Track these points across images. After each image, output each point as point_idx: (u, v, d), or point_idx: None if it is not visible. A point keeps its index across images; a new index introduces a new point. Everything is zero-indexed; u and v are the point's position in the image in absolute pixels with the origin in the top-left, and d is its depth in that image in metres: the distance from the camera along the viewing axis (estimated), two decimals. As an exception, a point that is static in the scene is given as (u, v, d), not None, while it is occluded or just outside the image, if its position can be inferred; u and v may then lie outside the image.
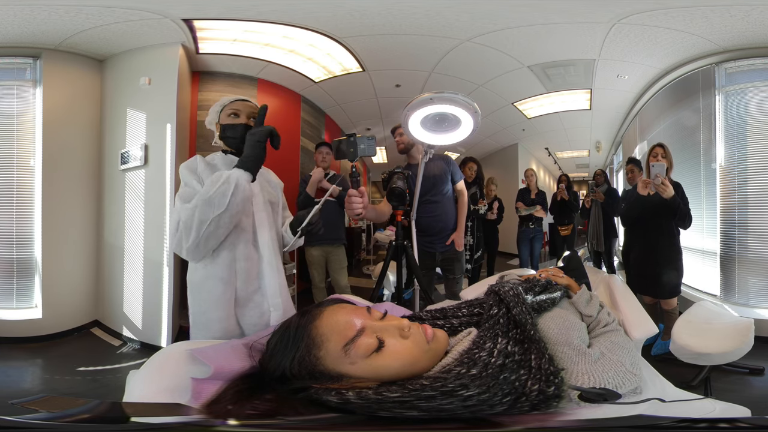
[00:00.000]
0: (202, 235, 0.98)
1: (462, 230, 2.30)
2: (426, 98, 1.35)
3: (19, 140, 2.46)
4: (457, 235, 2.26)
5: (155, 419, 0.59)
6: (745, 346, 1.45)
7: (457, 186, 2.30)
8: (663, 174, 1.92)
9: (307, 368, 0.63)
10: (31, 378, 2.14)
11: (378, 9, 2.30)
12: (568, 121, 3.80)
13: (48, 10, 2.13)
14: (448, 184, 2.27)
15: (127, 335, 2.56)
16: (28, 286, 2.48)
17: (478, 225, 3.28)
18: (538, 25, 2.48)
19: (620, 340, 0.84)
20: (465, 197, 2.33)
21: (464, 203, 2.32)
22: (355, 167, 1.33)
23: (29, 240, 2.47)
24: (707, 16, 2.24)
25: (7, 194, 2.45)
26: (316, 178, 2.59)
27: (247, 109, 1.18)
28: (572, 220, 3.71)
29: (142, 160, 2.51)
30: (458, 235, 2.27)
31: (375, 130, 4.28)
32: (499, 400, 0.57)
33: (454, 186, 2.30)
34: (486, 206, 3.32)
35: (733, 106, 2.58)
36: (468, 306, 0.87)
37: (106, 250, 2.70)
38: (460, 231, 2.29)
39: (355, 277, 3.74)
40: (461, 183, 2.32)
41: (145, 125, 2.55)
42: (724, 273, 2.60)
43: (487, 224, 3.49)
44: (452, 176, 2.28)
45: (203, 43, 2.64)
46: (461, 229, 2.29)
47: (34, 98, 2.47)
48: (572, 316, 0.93)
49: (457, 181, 2.30)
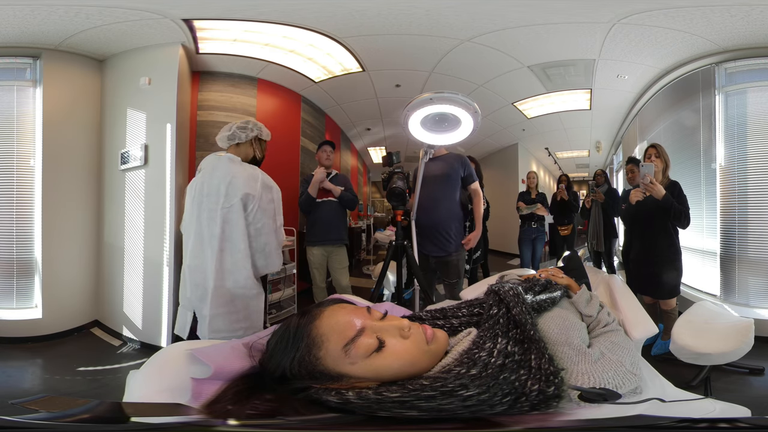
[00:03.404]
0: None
1: (479, 231, 2.27)
2: (426, 98, 1.36)
3: (19, 140, 2.46)
4: (473, 235, 2.24)
5: (155, 419, 0.59)
6: (745, 346, 1.45)
7: (472, 186, 2.26)
8: (651, 174, 1.93)
9: (307, 368, 0.63)
10: (31, 378, 2.14)
11: (378, 9, 2.30)
12: (568, 121, 3.80)
13: (48, 10, 2.13)
14: (455, 185, 2.23)
15: (127, 335, 2.56)
16: (28, 286, 2.48)
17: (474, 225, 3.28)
18: (538, 25, 2.48)
19: (620, 340, 0.84)
20: (479, 198, 2.29)
21: (479, 204, 2.28)
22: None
23: (29, 240, 2.47)
24: (707, 16, 2.24)
25: (7, 194, 2.45)
26: (318, 178, 2.55)
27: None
28: (572, 220, 3.71)
29: (142, 160, 2.51)
30: (474, 235, 2.24)
31: (375, 130, 4.29)
32: (499, 400, 0.57)
33: (469, 187, 2.26)
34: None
35: (733, 106, 2.58)
36: (468, 306, 0.87)
37: (106, 250, 2.70)
38: (477, 231, 2.26)
39: (355, 277, 3.74)
40: (476, 184, 2.28)
41: (145, 125, 2.55)
42: (724, 273, 2.60)
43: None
44: (466, 177, 2.25)
45: (203, 43, 2.64)
46: (479, 229, 2.27)
47: (34, 98, 2.47)
48: (572, 316, 0.93)
49: (471, 182, 2.26)
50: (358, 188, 5.01)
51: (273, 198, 1.52)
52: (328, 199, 2.61)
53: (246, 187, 1.47)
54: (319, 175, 2.56)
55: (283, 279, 2.91)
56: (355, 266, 4.21)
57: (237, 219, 1.45)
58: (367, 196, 5.46)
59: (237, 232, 1.46)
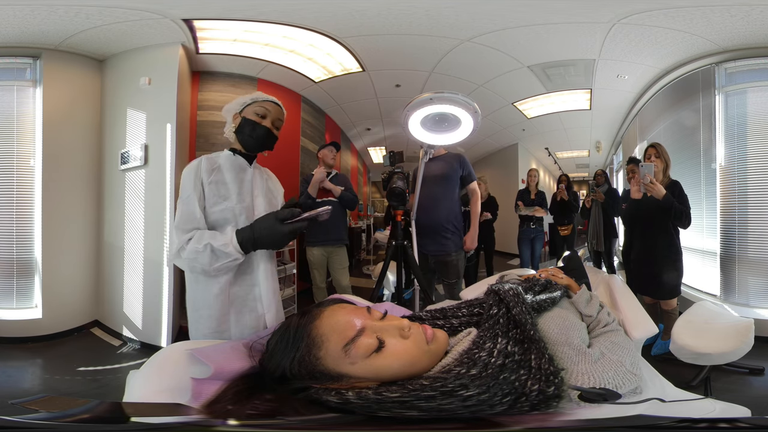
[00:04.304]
0: (203, 272, 1.06)
1: (475, 231, 2.25)
2: (426, 98, 1.35)
3: (19, 140, 2.46)
4: (469, 236, 2.22)
5: (155, 419, 0.59)
6: (745, 346, 1.45)
7: (470, 186, 2.26)
8: (651, 174, 1.92)
9: (307, 368, 0.63)
10: (31, 378, 2.14)
11: (378, 9, 2.30)
12: (568, 121, 3.80)
13: (48, 10, 2.13)
14: (454, 184, 2.22)
15: (127, 335, 2.56)
16: (28, 286, 2.48)
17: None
18: (538, 25, 2.48)
19: (620, 340, 0.84)
20: (477, 197, 2.29)
21: (476, 203, 2.28)
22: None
23: (29, 240, 2.47)
24: (707, 16, 2.24)
25: (7, 194, 2.45)
26: (318, 178, 2.54)
27: (276, 113, 1.17)
28: (572, 220, 3.71)
29: (142, 160, 2.51)
30: (470, 236, 2.23)
31: (375, 130, 4.29)
32: (499, 400, 0.57)
33: (467, 186, 2.26)
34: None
35: (733, 106, 2.58)
36: (468, 306, 0.87)
37: (106, 250, 2.70)
38: (473, 231, 2.24)
39: (355, 277, 3.74)
40: (474, 183, 2.27)
41: (145, 125, 2.55)
42: (724, 273, 2.60)
43: (484, 223, 3.49)
44: (465, 177, 2.24)
45: (203, 43, 2.64)
46: (474, 229, 2.24)
47: (34, 98, 2.47)
48: (572, 316, 0.93)
49: (469, 181, 2.25)
50: (358, 188, 5.01)
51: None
52: (328, 199, 2.60)
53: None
54: (319, 174, 2.55)
55: (283, 279, 2.91)
56: (355, 266, 4.22)
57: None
58: (367, 196, 5.46)
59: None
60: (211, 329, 1.10)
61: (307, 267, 2.76)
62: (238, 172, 1.14)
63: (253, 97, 1.16)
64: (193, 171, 1.09)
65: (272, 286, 1.20)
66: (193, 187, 1.07)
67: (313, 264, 2.70)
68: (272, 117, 1.15)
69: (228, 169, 1.13)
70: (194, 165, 1.11)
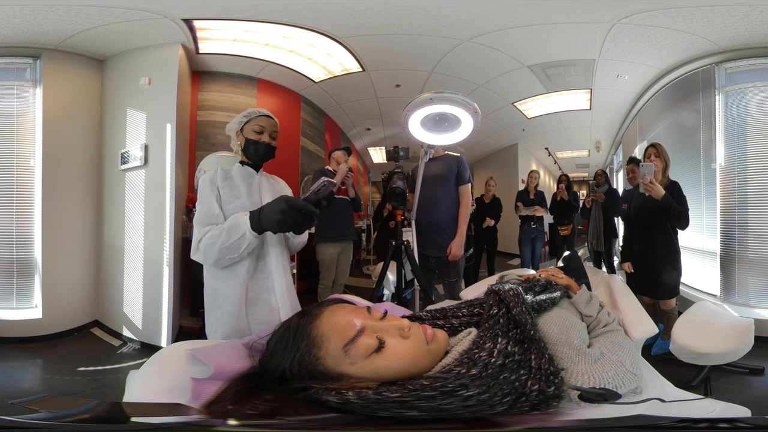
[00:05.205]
0: (222, 260, 1.15)
1: (461, 237, 2.11)
2: (426, 98, 1.36)
3: (19, 140, 2.46)
4: (455, 243, 2.10)
5: (155, 419, 0.59)
6: (745, 346, 1.45)
7: (461, 188, 2.18)
8: (651, 174, 1.91)
9: (307, 368, 0.63)
10: (31, 378, 2.14)
11: (378, 9, 2.30)
12: (568, 121, 3.80)
13: (48, 10, 2.13)
14: (453, 185, 2.19)
15: (127, 335, 2.56)
16: (28, 286, 2.48)
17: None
18: (538, 25, 2.48)
19: (620, 340, 0.84)
20: (467, 200, 2.19)
21: (466, 207, 2.18)
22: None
23: (29, 240, 2.47)
24: (707, 16, 2.24)
25: (7, 194, 2.45)
26: (344, 169, 2.47)
27: (271, 127, 1.30)
28: (572, 220, 3.71)
29: (142, 160, 2.51)
30: (456, 243, 2.10)
31: (375, 130, 4.29)
32: (499, 400, 0.56)
33: (459, 187, 2.18)
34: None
35: (733, 106, 2.58)
36: (468, 306, 0.87)
37: (106, 250, 2.70)
38: (459, 238, 2.10)
39: (355, 277, 3.74)
40: (467, 187, 2.19)
41: (145, 125, 2.55)
42: (724, 273, 2.60)
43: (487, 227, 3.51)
44: (457, 177, 2.18)
45: (203, 43, 2.64)
46: (461, 235, 2.11)
47: (34, 98, 2.47)
48: (572, 316, 0.93)
49: (462, 183, 2.18)
50: (359, 188, 5.01)
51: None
52: (342, 197, 2.61)
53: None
54: (345, 166, 2.50)
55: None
56: (355, 266, 4.21)
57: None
58: (367, 196, 5.46)
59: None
60: (228, 325, 1.17)
61: (307, 267, 2.75)
62: (246, 178, 1.28)
63: (246, 115, 1.30)
64: (210, 178, 1.25)
65: (286, 280, 1.26)
66: (210, 190, 1.22)
67: (324, 263, 2.64)
68: (268, 131, 1.29)
69: (238, 177, 1.29)
70: (211, 174, 1.27)
